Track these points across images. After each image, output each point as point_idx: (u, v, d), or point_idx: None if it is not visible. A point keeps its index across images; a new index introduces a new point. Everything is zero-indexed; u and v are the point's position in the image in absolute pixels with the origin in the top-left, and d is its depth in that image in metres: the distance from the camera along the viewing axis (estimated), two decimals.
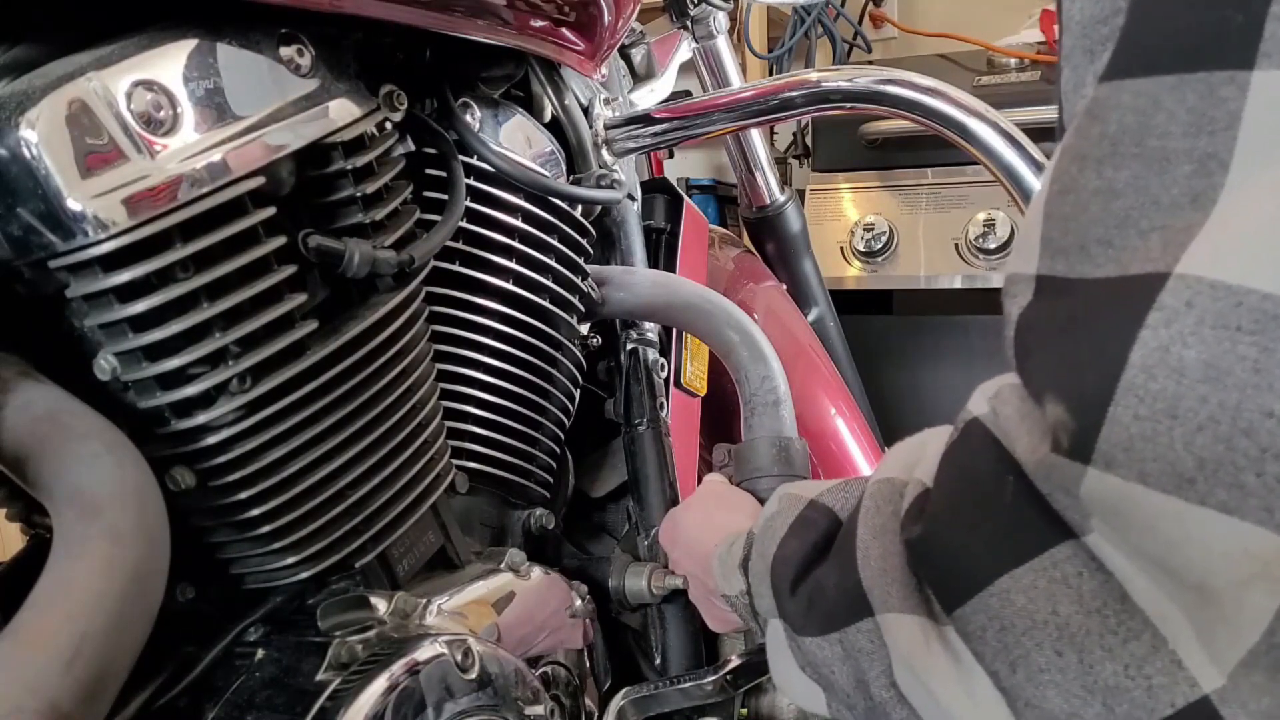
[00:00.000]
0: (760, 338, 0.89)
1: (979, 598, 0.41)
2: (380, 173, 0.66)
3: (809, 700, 0.58)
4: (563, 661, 0.79)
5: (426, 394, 0.71)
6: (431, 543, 0.73)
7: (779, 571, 0.57)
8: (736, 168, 1.42)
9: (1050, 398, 0.36)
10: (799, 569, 0.56)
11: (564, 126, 0.89)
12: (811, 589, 0.54)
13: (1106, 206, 0.36)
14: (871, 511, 0.50)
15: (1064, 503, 0.38)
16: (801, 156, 2.27)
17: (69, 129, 0.50)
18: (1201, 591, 0.34)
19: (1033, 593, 0.39)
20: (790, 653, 0.57)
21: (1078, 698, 0.39)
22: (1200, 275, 0.32)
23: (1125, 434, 0.33)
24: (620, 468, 0.98)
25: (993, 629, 0.41)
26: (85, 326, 0.54)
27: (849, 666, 0.51)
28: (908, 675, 0.48)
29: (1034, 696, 0.40)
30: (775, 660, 0.60)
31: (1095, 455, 0.34)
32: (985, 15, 2.30)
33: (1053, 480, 0.37)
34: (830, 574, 0.53)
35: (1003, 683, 0.41)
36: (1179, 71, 0.34)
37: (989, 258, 1.77)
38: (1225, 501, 0.32)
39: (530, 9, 0.76)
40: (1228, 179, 0.33)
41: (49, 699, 0.42)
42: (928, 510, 0.46)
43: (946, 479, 0.45)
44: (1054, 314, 0.37)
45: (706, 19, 1.27)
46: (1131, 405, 0.33)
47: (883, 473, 0.52)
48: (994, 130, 0.83)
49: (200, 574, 0.62)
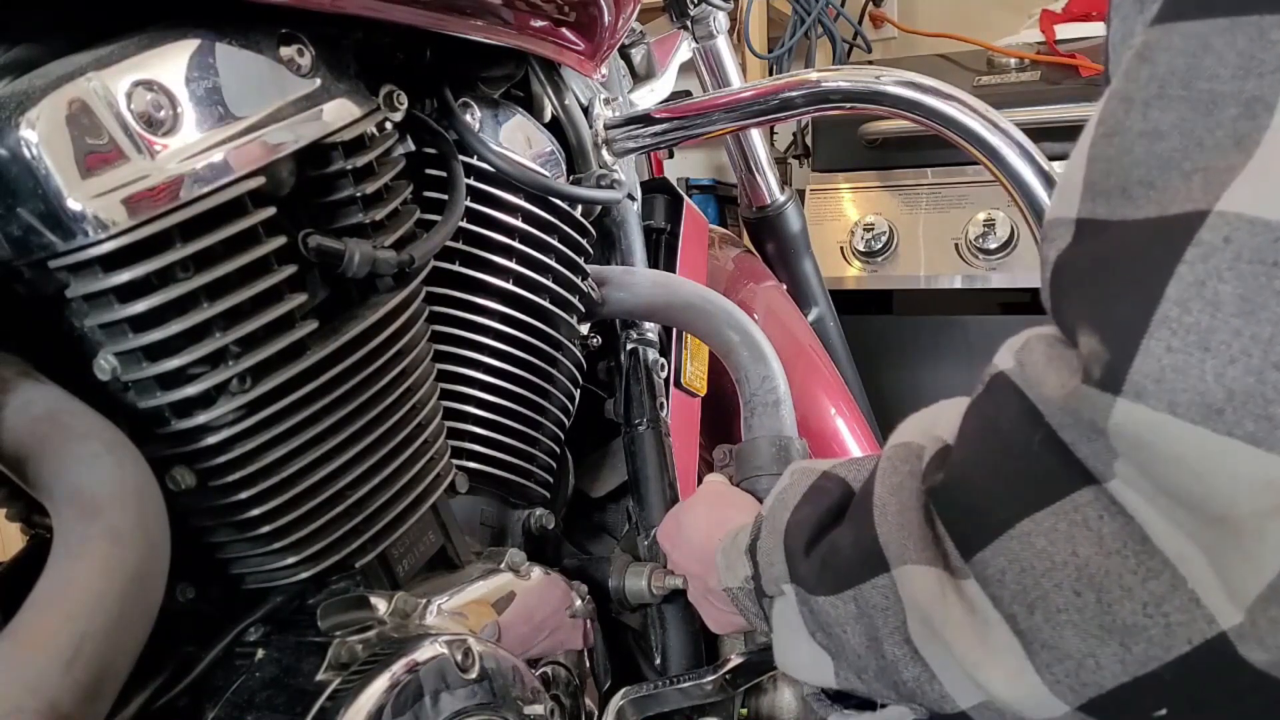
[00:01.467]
0: (760, 338, 0.89)
1: (999, 541, 0.41)
2: (380, 173, 0.66)
3: (815, 671, 0.58)
4: (563, 661, 0.79)
5: (426, 394, 0.71)
6: (431, 543, 0.73)
7: (793, 534, 0.57)
8: (736, 168, 1.42)
9: (1084, 330, 0.37)
10: (813, 531, 0.56)
11: (564, 126, 0.89)
12: (826, 550, 0.54)
13: (1150, 148, 0.36)
14: (888, 471, 0.50)
15: (1087, 450, 0.38)
16: (801, 156, 2.27)
17: (69, 129, 0.50)
18: (1223, 525, 0.35)
19: (1053, 535, 0.39)
20: (801, 619, 0.57)
21: (1094, 637, 0.39)
22: (1240, 212, 0.33)
23: (1157, 365, 0.34)
24: (620, 468, 0.98)
25: (1012, 571, 0.41)
26: (85, 326, 0.54)
27: (862, 625, 0.51)
28: (922, 628, 0.48)
29: (1051, 637, 0.40)
30: (781, 634, 0.60)
31: (1126, 386, 0.35)
32: (985, 15, 2.30)
33: (1080, 415, 0.37)
34: (845, 534, 0.53)
35: (1019, 625, 0.42)
36: (1232, 14, 0.35)
37: (989, 258, 1.77)
38: (1253, 433, 0.32)
39: (530, 9, 0.76)
40: (1273, 120, 0.33)
41: (49, 699, 0.42)
42: (950, 459, 0.46)
43: (970, 429, 0.45)
44: (1095, 254, 0.38)
45: (706, 19, 1.27)
46: (1164, 337, 0.33)
47: (898, 438, 0.52)
48: (994, 130, 0.83)
49: (200, 574, 0.62)
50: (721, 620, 0.75)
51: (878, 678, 0.53)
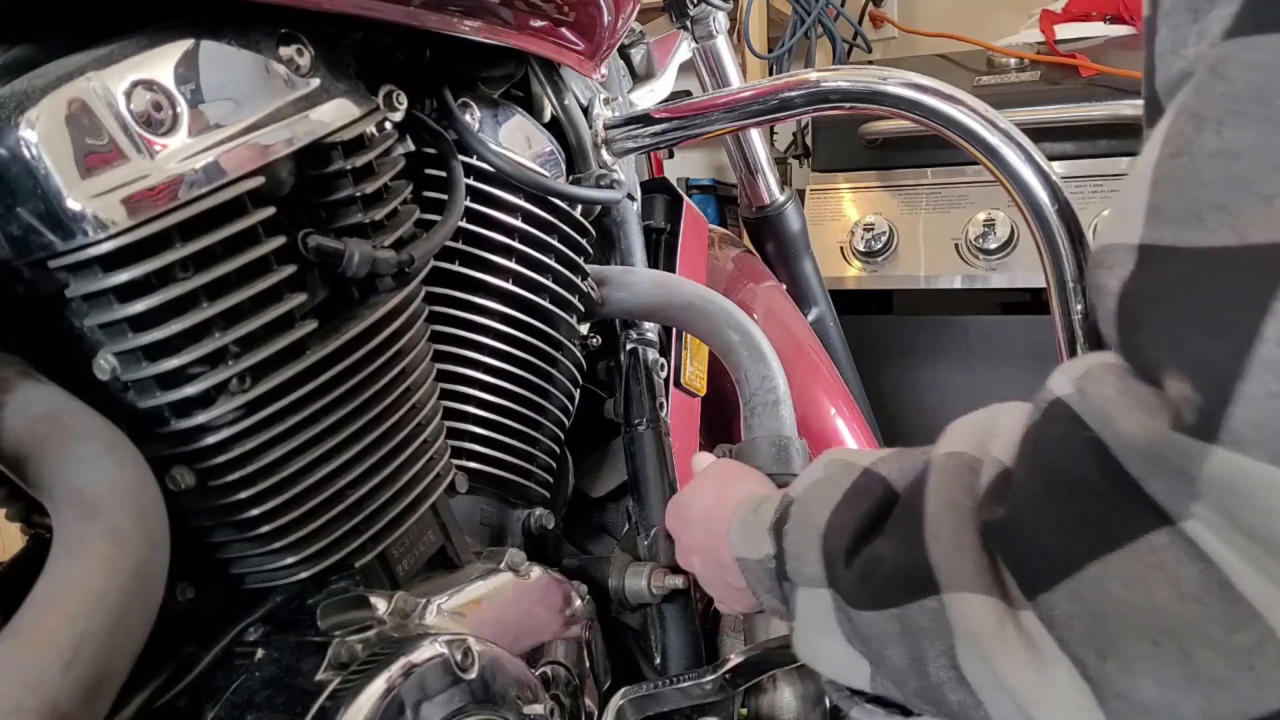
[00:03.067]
0: (760, 338, 0.89)
1: (1066, 583, 0.40)
2: (380, 173, 0.66)
3: (847, 672, 0.56)
4: (563, 661, 0.79)
5: (426, 394, 0.71)
6: (431, 543, 0.73)
7: (832, 540, 0.54)
8: (736, 168, 1.42)
9: (1169, 371, 0.35)
10: (854, 538, 0.53)
11: (564, 126, 0.89)
12: (868, 561, 0.52)
13: (1225, 169, 0.34)
14: (941, 485, 0.48)
15: (1159, 487, 0.36)
16: (801, 156, 2.27)
17: (69, 129, 0.50)
18: None
19: (1127, 579, 0.37)
20: (838, 624, 0.54)
21: (1175, 689, 0.37)
22: None
23: (1258, 412, 0.32)
24: (620, 468, 0.98)
25: (1081, 616, 0.39)
26: (85, 326, 0.54)
27: (905, 644, 0.49)
28: (973, 657, 0.46)
29: (1125, 687, 0.39)
30: (809, 629, 0.57)
31: (1223, 433, 0.33)
32: (985, 15, 2.30)
33: (1165, 460, 0.35)
34: (889, 547, 0.50)
35: (1090, 671, 0.40)
36: None
37: (989, 258, 1.77)
38: None
39: (530, 9, 0.76)
40: None
41: (49, 699, 0.42)
42: (1010, 492, 0.44)
43: (1030, 461, 0.43)
44: (1165, 284, 0.36)
45: (706, 19, 1.27)
46: (1265, 381, 0.32)
47: (949, 445, 0.49)
48: (994, 130, 0.83)
49: (200, 574, 0.62)
50: (734, 598, 0.71)
51: (919, 694, 0.51)
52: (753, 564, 0.62)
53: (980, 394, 0.56)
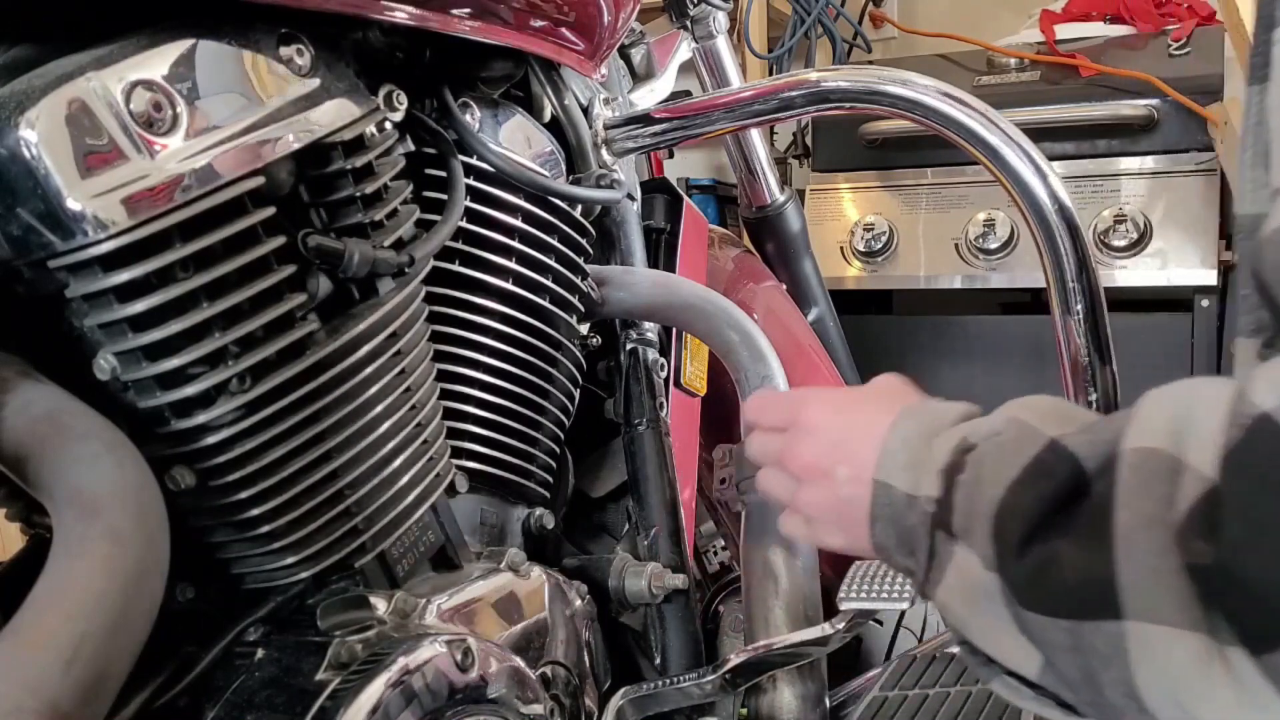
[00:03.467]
0: (760, 338, 0.89)
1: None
2: (380, 173, 0.66)
3: (1016, 658, 0.50)
4: (563, 661, 0.79)
5: (426, 394, 0.71)
6: (431, 543, 0.73)
7: (1006, 524, 0.48)
8: (736, 168, 1.42)
9: None
10: (1032, 526, 0.47)
11: (564, 126, 0.89)
12: (1044, 558, 0.46)
13: None
14: (1135, 491, 0.42)
15: None
16: (801, 156, 2.27)
17: (69, 129, 0.50)
18: None
19: None
20: (1006, 611, 0.49)
21: None
22: None
23: None
24: (620, 468, 0.98)
25: None
26: (85, 326, 0.54)
27: (1078, 660, 0.45)
28: (1163, 693, 0.42)
29: None
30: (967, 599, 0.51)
31: None
32: (985, 15, 2.30)
33: None
34: (1072, 551, 0.45)
35: None
36: None
37: (989, 258, 1.77)
38: None
39: (530, 9, 0.76)
40: None
41: (49, 699, 0.42)
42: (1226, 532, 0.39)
43: (1241, 492, 0.38)
44: None
45: (706, 19, 1.27)
46: None
47: (1142, 438, 0.43)
48: (994, 130, 0.83)
49: (200, 574, 0.62)
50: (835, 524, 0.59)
51: (1091, 706, 0.47)
52: (900, 495, 0.53)
53: (980, 394, 0.56)
